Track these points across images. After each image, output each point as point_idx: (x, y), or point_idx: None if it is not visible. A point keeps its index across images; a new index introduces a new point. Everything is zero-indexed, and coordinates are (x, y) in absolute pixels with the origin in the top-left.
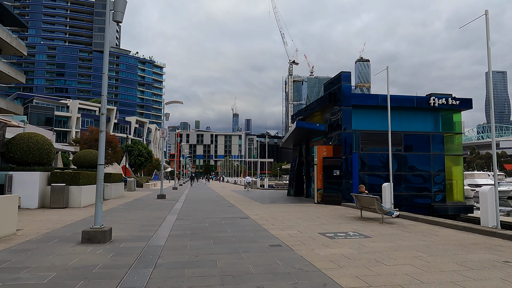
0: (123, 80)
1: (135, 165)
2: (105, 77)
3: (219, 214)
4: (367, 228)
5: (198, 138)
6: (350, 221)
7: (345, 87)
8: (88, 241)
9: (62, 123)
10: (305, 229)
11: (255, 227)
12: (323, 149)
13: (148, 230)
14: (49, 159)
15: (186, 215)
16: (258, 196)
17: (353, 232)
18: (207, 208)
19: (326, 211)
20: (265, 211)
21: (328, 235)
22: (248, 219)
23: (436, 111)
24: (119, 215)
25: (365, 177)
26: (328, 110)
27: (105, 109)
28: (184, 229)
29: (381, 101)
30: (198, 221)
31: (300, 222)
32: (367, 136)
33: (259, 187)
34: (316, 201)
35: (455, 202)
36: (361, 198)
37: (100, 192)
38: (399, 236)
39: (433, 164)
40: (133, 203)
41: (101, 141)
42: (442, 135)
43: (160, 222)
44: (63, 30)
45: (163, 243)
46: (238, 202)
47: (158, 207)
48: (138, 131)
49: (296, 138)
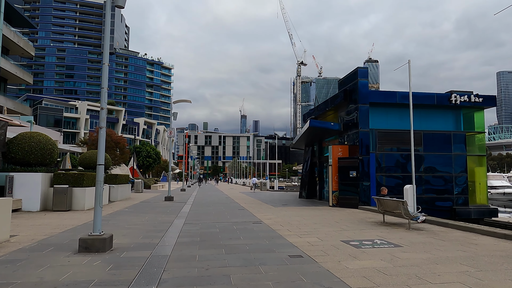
0: (131, 82)
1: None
2: (105, 68)
3: (229, 218)
4: (394, 235)
5: (206, 139)
6: (372, 227)
7: (362, 84)
8: (85, 250)
9: (70, 125)
10: (325, 236)
11: (270, 234)
12: (338, 149)
13: (154, 236)
14: (52, 159)
15: (195, 219)
16: (268, 198)
17: (380, 240)
18: (216, 211)
19: (343, 215)
20: (278, 214)
21: (353, 243)
22: (261, 223)
23: (457, 109)
24: (123, 218)
25: (383, 178)
26: (343, 108)
27: (105, 103)
28: (192, 236)
29: (400, 99)
30: (207, 226)
31: (318, 227)
32: (384, 136)
33: (268, 189)
34: (331, 204)
35: (479, 205)
36: (385, 201)
37: (100, 196)
38: (433, 245)
39: (455, 165)
40: (140, 205)
41: (101, 138)
42: (464, 134)
43: (166, 227)
44: (72, 32)
45: (169, 253)
46: (248, 205)
47: (165, 210)
48: (146, 133)
49: (308, 138)
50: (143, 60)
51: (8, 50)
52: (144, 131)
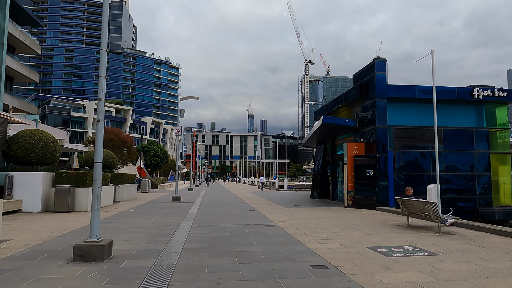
0: (139, 81)
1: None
2: (104, 54)
3: (240, 220)
4: (424, 240)
5: (214, 138)
6: (397, 231)
7: (380, 78)
8: (81, 258)
9: (78, 124)
10: (347, 241)
11: (286, 238)
12: (354, 147)
13: (159, 241)
14: (54, 158)
15: (203, 221)
16: (279, 198)
17: (411, 247)
18: (226, 212)
19: (362, 217)
20: (292, 216)
21: (381, 250)
22: (274, 226)
23: (479, 104)
24: (127, 221)
25: (401, 177)
26: (358, 104)
27: (103, 94)
28: (201, 240)
29: (419, 93)
30: (217, 229)
31: (337, 231)
32: (403, 133)
33: (278, 188)
34: (346, 205)
35: (503, 205)
36: (410, 203)
37: (97, 197)
38: (474, 254)
39: (477, 163)
40: (146, 206)
41: (99, 133)
42: (487, 131)
43: (173, 231)
44: (80, 32)
45: (175, 262)
46: (259, 205)
47: (172, 211)
48: (154, 132)
49: (320, 136)
50: (150, 59)
51: (14, 48)
52: (151, 130)
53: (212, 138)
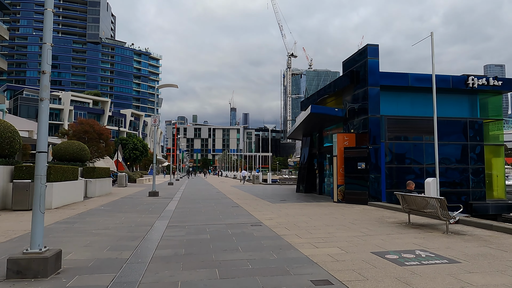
0: (118, 72)
1: (130, 159)
2: (49, 14)
3: (222, 219)
4: (434, 242)
5: (196, 132)
6: (400, 230)
7: (372, 63)
8: (17, 275)
9: (54, 116)
10: (347, 244)
11: (276, 241)
12: (344, 138)
13: (125, 247)
14: (13, 149)
15: (181, 220)
16: (263, 193)
17: (423, 251)
18: (206, 209)
19: (356, 214)
20: (279, 213)
21: (390, 257)
22: (261, 226)
23: (473, 93)
24: (94, 220)
25: (392, 170)
26: (348, 92)
27: (48, 66)
28: (175, 245)
29: (412, 81)
30: (196, 230)
31: (332, 231)
32: (395, 123)
33: (261, 182)
34: (335, 200)
35: (496, 199)
36: (412, 198)
37: (39, 197)
38: (500, 260)
39: (471, 156)
40: (119, 202)
41: (42, 115)
42: (481, 122)
43: (144, 233)
44: (56, 21)
45: (140, 277)
46: (242, 201)
47: (147, 208)
48: (133, 124)
49: (307, 127)
50: (130, 50)
51: None
52: (131, 123)
53: (194, 131)
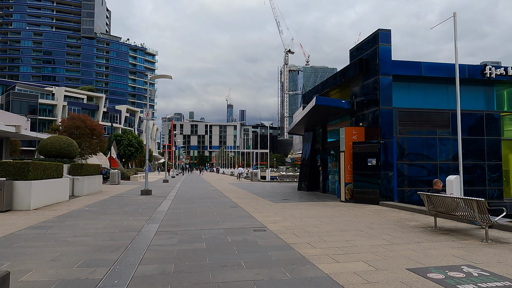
0: (113, 68)
1: (124, 155)
2: None
3: (220, 222)
4: (479, 254)
5: (192, 128)
6: (429, 237)
7: (384, 50)
8: None
9: (47, 112)
10: (374, 257)
11: (286, 253)
12: (353, 132)
13: (101, 262)
14: None
15: (173, 224)
16: (263, 191)
17: (472, 268)
18: (202, 210)
19: (369, 216)
20: (284, 215)
21: (434, 276)
22: (265, 231)
23: (489, 84)
24: (73, 224)
25: (404, 167)
26: (356, 82)
27: None
28: (164, 259)
29: (426, 71)
30: (190, 236)
31: (350, 238)
32: (407, 116)
33: (260, 179)
34: (343, 199)
35: None
36: (440, 200)
37: None
38: None
39: (487, 152)
40: (107, 202)
41: None
42: (499, 115)
43: (128, 241)
44: (50, 15)
45: None
46: (242, 200)
47: (137, 209)
48: (129, 121)
49: (310, 121)
50: (125, 45)
51: None
52: (126, 119)
53: (191, 128)
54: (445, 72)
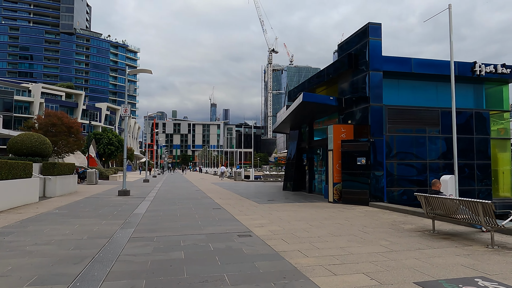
0: (94, 65)
1: (104, 154)
2: None
3: (202, 226)
4: (490, 263)
5: (175, 127)
6: (429, 242)
7: (374, 44)
8: None
9: (23, 109)
10: (375, 268)
11: (276, 264)
12: (341, 130)
13: (58, 278)
14: None
15: (149, 229)
16: (247, 191)
17: (488, 281)
18: (183, 212)
19: (361, 218)
20: (270, 217)
21: None
22: (251, 237)
23: (479, 82)
24: (36, 230)
25: (393, 166)
26: (345, 78)
27: None
28: (135, 273)
29: (416, 67)
30: (167, 244)
31: (344, 245)
32: (397, 114)
33: (243, 179)
34: (331, 200)
35: (502, 198)
36: (440, 201)
37: None
38: None
39: (477, 151)
40: (81, 203)
41: None
42: (488, 113)
43: (96, 250)
44: (27, 10)
45: None
46: (225, 201)
47: (112, 211)
48: (109, 119)
49: (296, 118)
50: (106, 42)
51: None
52: (107, 117)
53: (174, 126)
54: (435, 69)
